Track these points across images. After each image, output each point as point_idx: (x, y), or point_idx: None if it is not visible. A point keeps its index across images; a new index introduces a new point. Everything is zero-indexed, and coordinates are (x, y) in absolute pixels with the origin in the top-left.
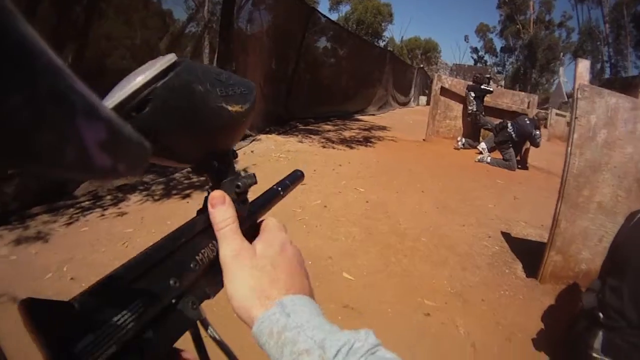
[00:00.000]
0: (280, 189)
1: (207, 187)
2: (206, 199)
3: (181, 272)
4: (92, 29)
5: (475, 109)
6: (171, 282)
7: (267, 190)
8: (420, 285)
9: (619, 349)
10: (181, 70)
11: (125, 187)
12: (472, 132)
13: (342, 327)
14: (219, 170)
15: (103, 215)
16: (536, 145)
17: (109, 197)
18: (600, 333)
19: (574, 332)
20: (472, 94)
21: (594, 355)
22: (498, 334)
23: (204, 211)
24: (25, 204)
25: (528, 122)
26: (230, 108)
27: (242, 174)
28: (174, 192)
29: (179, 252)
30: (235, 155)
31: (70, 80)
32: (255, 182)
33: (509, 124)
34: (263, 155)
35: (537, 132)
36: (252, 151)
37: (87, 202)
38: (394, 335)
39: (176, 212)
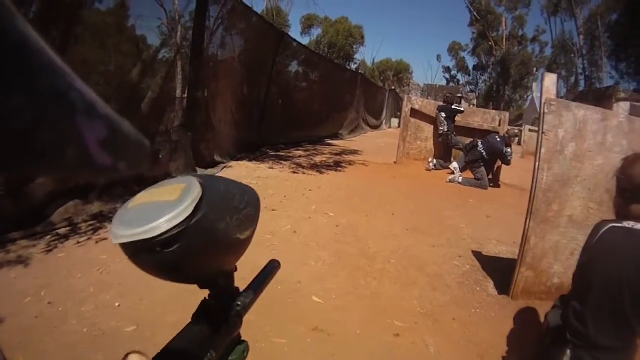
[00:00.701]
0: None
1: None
2: (203, 302)
3: None
4: (68, 53)
5: (446, 130)
6: None
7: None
8: (389, 306)
9: None
10: (208, 211)
11: (100, 215)
12: (444, 152)
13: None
14: (223, 287)
15: (79, 242)
16: (507, 163)
17: (85, 224)
18: (568, 351)
19: (541, 350)
20: (443, 114)
21: None
22: (470, 352)
23: (199, 319)
24: (4, 229)
25: (499, 139)
26: (242, 237)
27: (240, 289)
28: None
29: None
30: (235, 269)
31: (70, 79)
32: (253, 302)
33: (479, 143)
34: None
35: (508, 150)
36: None
37: (64, 229)
38: (364, 356)
39: None
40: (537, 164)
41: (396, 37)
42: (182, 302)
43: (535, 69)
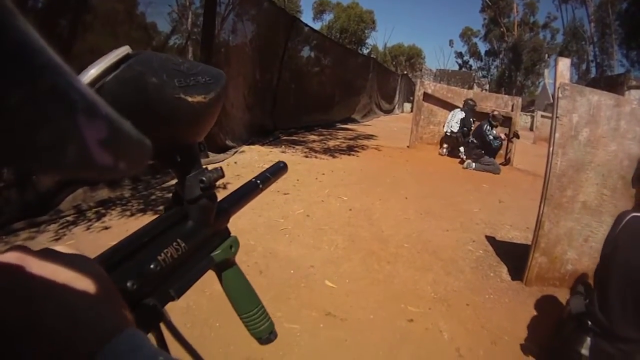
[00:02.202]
0: (259, 182)
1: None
2: (173, 194)
3: (141, 273)
4: (77, 42)
5: (455, 131)
6: (129, 284)
7: (244, 184)
8: (403, 291)
9: (608, 355)
10: (134, 62)
11: (107, 202)
12: (452, 147)
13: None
14: (183, 164)
15: (87, 229)
16: (488, 144)
17: (92, 212)
18: (588, 339)
19: (561, 336)
20: (487, 127)
21: None
22: (483, 338)
23: (171, 207)
24: (14, 217)
25: (484, 123)
26: (190, 99)
27: (209, 168)
28: (155, 205)
29: (141, 252)
30: (202, 149)
31: (70, 78)
32: (222, 176)
33: (471, 134)
34: (246, 166)
35: (492, 130)
36: (235, 162)
37: (71, 217)
38: (377, 342)
39: None
40: (551, 148)
41: (408, 23)
42: (195, 291)
43: (546, 55)
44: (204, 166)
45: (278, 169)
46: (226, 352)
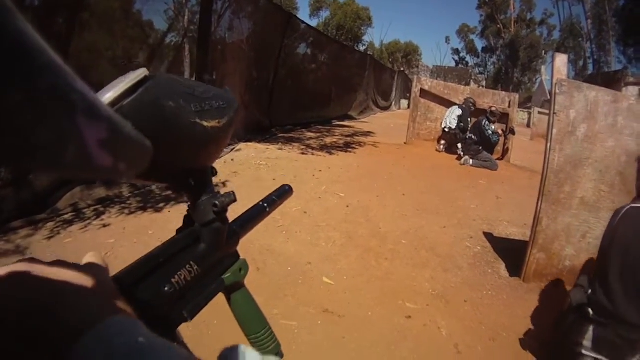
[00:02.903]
0: (266, 205)
1: (187, 202)
2: (185, 217)
3: (155, 295)
4: (74, 40)
5: (453, 127)
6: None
7: (252, 207)
8: (401, 288)
9: (611, 344)
10: (151, 86)
11: (105, 200)
12: (450, 143)
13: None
14: (196, 188)
15: (85, 227)
16: (487, 138)
17: (90, 210)
18: (591, 329)
19: (562, 329)
20: (486, 122)
21: (584, 352)
22: (482, 335)
23: (182, 230)
24: (8, 217)
25: (482, 119)
26: (205, 124)
27: (221, 192)
28: (154, 203)
29: (155, 274)
30: (215, 173)
31: (70, 78)
32: (235, 201)
33: (469, 132)
34: (243, 164)
35: (491, 125)
36: (232, 159)
37: (68, 215)
38: (375, 339)
39: (157, 222)
40: (548, 144)
41: (404, 19)
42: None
43: (543, 52)
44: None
45: (284, 192)
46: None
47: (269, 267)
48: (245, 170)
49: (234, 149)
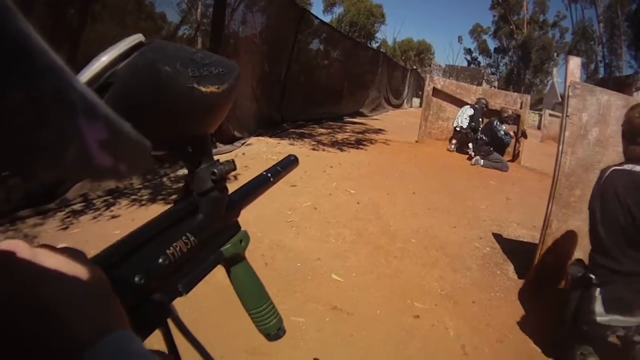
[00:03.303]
0: (270, 175)
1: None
2: (183, 186)
3: (148, 267)
4: (85, 31)
5: (464, 127)
6: (136, 279)
7: (255, 177)
8: (410, 287)
9: (622, 300)
10: (147, 50)
11: (115, 191)
12: (461, 143)
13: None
14: (194, 156)
15: (95, 218)
16: (499, 140)
17: (99, 200)
18: (598, 293)
19: (571, 308)
20: (497, 122)
21: (599, 320)
22: (489, 336)
23: (180, 201)
24: (17, 206)
25: (494, 119)
26: (203, 89)
27: (221, 160)
28: (164, 194)
29: (149, 245)
30: (213, 141)
31: (70, 79)
32: (234, 169)
33: (480, 132)
34: (254, 158)
35: (502, 126)
36: (243, 153)
37: (78, 205)
38: (383, 337)
39: None
40: (560, 147)
41: (417, 17)
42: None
43: (555, 54)
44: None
45: (289, 163)
46: (231, 342)
47: (278, 262)
48: (256, 164)
49: (244, 143)
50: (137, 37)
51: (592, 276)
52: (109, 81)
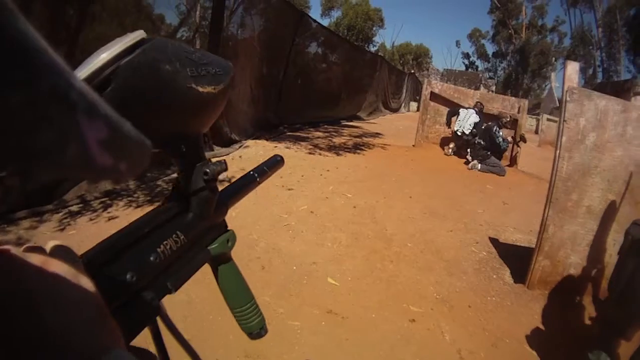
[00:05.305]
0: (256, 174)
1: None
2: (174, 185)
3: (140, 265)
4: (84, 32)
5: (467, 133)
6: (128, 276)
7: (242, 176)
8: (405, 291)
9: None
10: (149, 48)
11: (112, 192)
12: (460, 147)
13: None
14: (187, 155)
15: (92, 220)
16: (497, 145)
17: (97, 202)
18: None
19: (627, 271)
20: (496, 128)
21: None
22: (485, 340)
23: (170, 199)
24: (14, 207)
25: (492, 123)
26: (200, 89)
27: (213, 160)
28: (162, 196)
29: (141, 243)
30: (207, 140)
31: (70, 78)
32: (226, 169)
33: (477, 136)
34: (251, 160)
35: (500, 131)
36: (240, 156)
37: (75, 207)
38: (378, 341)
39: None
40: (557, 152)
41: (416, 22)
42: (196, 282)
43: (553, 58)
44: (207, 158)
45: (275, 163)
46: (225, 344)
47: (274, 265)
48: (252, 167)
49: (242, 145)
50: (139, 34)
51: None
52: (109, 78)
